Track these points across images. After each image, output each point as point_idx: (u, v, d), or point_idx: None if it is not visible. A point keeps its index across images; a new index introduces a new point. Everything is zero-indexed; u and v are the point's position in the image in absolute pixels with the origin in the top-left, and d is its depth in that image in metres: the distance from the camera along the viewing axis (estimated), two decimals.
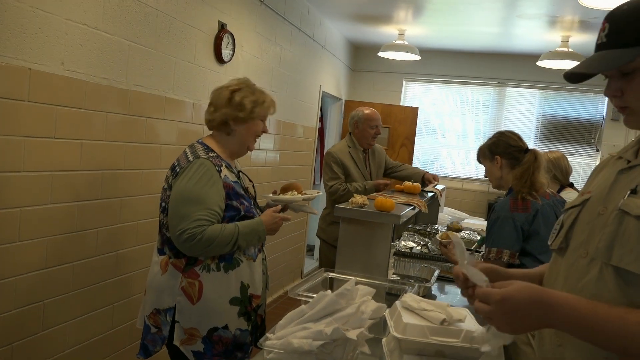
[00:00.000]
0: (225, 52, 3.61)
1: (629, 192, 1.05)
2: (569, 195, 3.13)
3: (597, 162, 6.53)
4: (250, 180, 2.20)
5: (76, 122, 2.41)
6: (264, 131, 2.13)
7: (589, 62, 1.10)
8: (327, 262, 2.54)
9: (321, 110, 6.05)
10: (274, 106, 2.14)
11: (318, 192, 2.32)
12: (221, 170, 1.95)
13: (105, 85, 2.56)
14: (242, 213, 1.98)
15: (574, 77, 1.14)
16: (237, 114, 2.02)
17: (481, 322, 1.50)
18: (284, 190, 2.25)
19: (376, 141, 3.72)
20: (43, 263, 2.32)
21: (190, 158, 1.95)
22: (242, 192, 2.02)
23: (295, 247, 5.57)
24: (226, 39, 3.59)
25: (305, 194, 2.21)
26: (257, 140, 2.15)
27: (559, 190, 3.19)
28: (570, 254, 1.13)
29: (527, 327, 1.05)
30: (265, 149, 4.49)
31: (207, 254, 1.91)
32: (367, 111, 3.63)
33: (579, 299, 1.02)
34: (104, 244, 2.68)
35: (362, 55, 7.09)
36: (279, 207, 2.11)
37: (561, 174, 3.21)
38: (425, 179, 3.61)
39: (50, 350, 2.42)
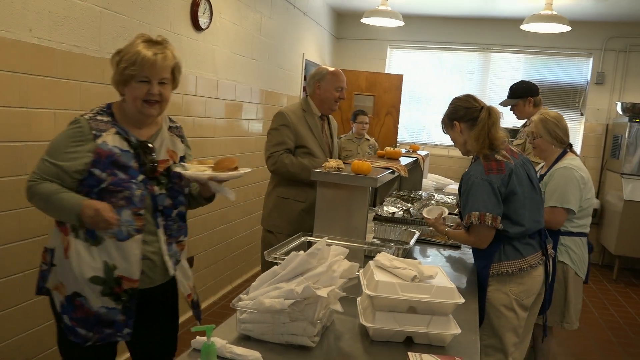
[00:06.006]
0: (202, 20, 3.54)
1: None
2: (573, 163, 2.74)
3: (582, 127, 6.59)
4: (186, 156, 1.94)
5: (48, 91, 2.37)
6: (152, 93, 1.74)
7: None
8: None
9: (305, 79, 5.99)
10: (155, 64, 1.72)
11: (248, 169, 1.89)
12: (100, 135, 1.71)
13: (77, 54, 2.51)
14: (105, 185, 1.71)
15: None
16: (113, 76, 1.79)
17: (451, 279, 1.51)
18: (218, 164, 1.84)
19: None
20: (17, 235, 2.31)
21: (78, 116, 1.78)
22: (129, 164, 1.74)
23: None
24: (203, 6, 3.51)
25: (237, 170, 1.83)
26: (153, 104, 1.76)
27: (562, 155, 2.80)
28: None
29: None
30: (247, 118, 4.44)
31: (44, 209, 1.74)
32: (332, 69, 2.95)
33: None
34: None
35: (345, 23, 6.99)
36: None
37: (564, 133, 2.80)
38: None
39: None
